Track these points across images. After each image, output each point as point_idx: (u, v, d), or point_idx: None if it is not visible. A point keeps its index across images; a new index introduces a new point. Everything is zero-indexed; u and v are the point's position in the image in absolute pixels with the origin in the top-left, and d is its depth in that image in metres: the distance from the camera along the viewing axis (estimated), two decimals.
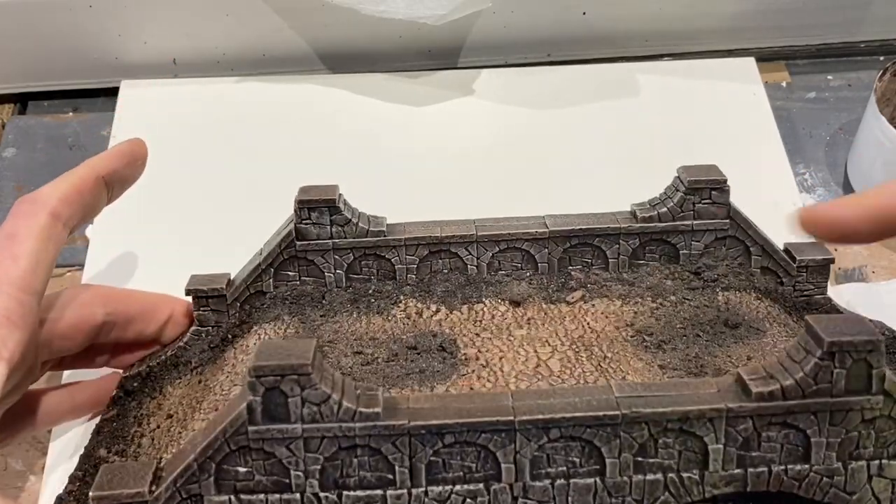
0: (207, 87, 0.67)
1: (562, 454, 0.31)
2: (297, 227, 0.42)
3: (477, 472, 0.31)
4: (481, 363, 0.38)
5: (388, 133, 0.64)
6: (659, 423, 0.31)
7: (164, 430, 0.39)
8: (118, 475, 0.31)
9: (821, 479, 0.32)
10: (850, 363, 0.30)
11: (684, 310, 0.42)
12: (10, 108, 0.68)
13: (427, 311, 0.42)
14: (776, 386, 0.31)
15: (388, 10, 0.60)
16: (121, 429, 0.40)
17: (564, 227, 0.43)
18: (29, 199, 0.38)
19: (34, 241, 0.37)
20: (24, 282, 0.36)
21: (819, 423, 0.31)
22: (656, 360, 0.38)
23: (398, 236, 0.43)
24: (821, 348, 0.30)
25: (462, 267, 0.44)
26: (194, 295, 0.42)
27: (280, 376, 0.30)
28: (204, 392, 0.39)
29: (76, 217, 0.39)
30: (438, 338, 0.40)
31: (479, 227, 0.43)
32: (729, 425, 0.31)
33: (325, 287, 0.43)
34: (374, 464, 0.31)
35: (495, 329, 0.40)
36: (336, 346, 0.40)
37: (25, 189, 0.62)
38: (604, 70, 0.68)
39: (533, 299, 0.42)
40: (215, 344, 0.42)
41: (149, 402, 0.41)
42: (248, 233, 0.46)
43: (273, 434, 0.30)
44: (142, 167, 0.44)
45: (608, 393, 0.31)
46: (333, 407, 0.30)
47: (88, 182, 0.40)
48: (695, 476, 0.31)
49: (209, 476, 0.31)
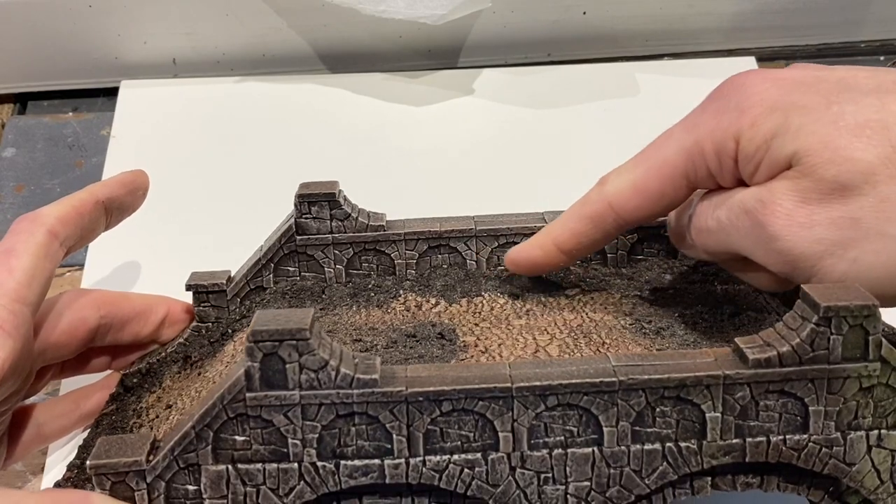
0: (207, 87, 0.67)
1: (559, 423, 0.31)
2: (297, 222, 0.42)
3: (475, 441, 0.31)
4: (480, 349, 0.38)
5: (388, 133, 0.64)
6: (656, 390, 0.31)
7: (162, 419, 0.39)
8: (116, 445, 0.31)
9: (820, 449, 0.31)
10: (846, 329, 0.30)
11: (683, 299, 0.42)
12: (10, 108, 0.68)
13: (426, 304, 0.42)
14: (773, 353, 0.30)
15: (388, 10, 0.60)
16: (120, 421, 0.40)
17: None
18: (28, 217, 0.39)
19: (30, 256, 0.37)
20: (17, 293, 0.36)
21: (817, 390, 0.31)
22: (654, 345, 0.38)
23: (398, 231, 0.43)
24: (816, 314, 0.30)
25: (461, 262, 0.44)
26: (195, 290, 0.42)
27: (278, 341, 0.29)
28: (203, 382, 0.39)
29: (73, 238, 0.40)
30: (437, 327, 0.40)
31: (479, 222, 0.44)
32: (726, 393, 0.31)
33: (325, 282, 0.43)
34: (372, 432, 0.31)
35: (494, 319, 0.40)
36: (335, 335, 0.40)
37: (25, 189, 0.62)
38: (604, 70, 0.68)
39: (532, 292, 0.42)
40: (215, 339, 0.42)
41: (148, 396, 0.41)
42: (248, 232, 0.46)
43: (271, 401, 0.30)
44: (142, 198, 0.44)
45: (605, 362, 0.31)
46: (331, 373, 0.30)
47: (88, 205, 0.40)
48: (693, 446, 0.31)
49: (206, 444, 0.31)
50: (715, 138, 0.34)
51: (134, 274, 0.54)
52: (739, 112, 0.34)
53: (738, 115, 0.34)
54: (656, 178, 0.36)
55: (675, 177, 0.36)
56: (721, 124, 0.34)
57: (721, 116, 0.35)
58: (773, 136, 0.33)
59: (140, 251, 0.56)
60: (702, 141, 0.35)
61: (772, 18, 0.69)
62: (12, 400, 0.38)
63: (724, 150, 0.34)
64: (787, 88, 0.34)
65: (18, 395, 0.39)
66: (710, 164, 0.35)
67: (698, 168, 0.35)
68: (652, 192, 0.37)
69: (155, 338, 0.44)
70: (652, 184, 0.37)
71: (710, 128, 0.35)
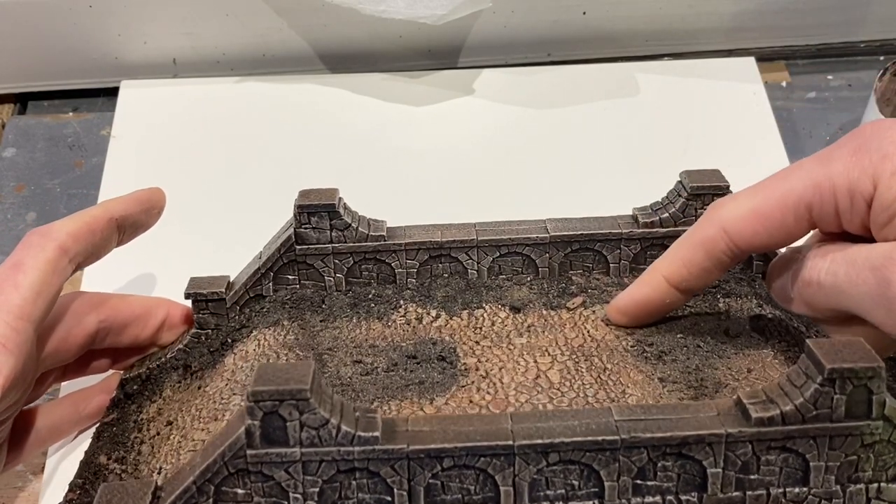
0: (207, 87, 0.67)
1: (560, 477, 0.31)
2: (296, 232, 0.42)
3: (476, 494, 0.31)
4: (481, 374, 0.38)
5: (388, 133, 0.64)
6: (658, 447, 0.31)
7: (163, 437, 0.39)
8: (118, 495, 0.31)
9: (819, 501, 0.32)
10: (850, 389, 0.30)
11: (685, 317, 0.41)
12: (10, 108, 0.68)
13: (427, 316, 0.42)
14: (776, 411, 0.31)
15: (388, 10, 0.60)
16: (121, 434, 0.40)
17: (566, 231, 0.43)
18: (40, 231, 0.39)
19: (38, 271, 0.37)
20: (22, 310, 0.36)
21: (818, 447, 0.31)
22: (656, 371, 0.38)
23: (398, 241, 0.42)
24: (821, 374, 0.30)
25: (462, 271, 0.43)
26: (194, 298, 0.42)
27: (278, 401, 0.30)
28: (203, 399, 0.39)
29: (84, 254, 0.40)
30: (438, 346, 0.40)
31: (480, 232, 0.43)
32: (728, 450, 0.31)
33: (325, 291, 0.43)
34: (373, 486, 0.31)
35: (495, 337, 0.40)
36: (335, 354, 0.40)
37: (25, 189, 0.62)
38: (604, 70, 0.68)
39: (533, 305, 0.42)
40: (215, 348, 0.42)
41: (149, 405, 0.41)
42: (248, 233, 0.46)
43: (271, 458, 0.30)
44: (157, 216, 0.44)
45: (607, 416, 0.31)
46: (332, 431, 0.30)
47: (101, 222, 0.40)
48: (693, 499, 0.31)
49: (208, 498, 0.31)
50: (851, 177, 0.33)
51: (133, 274, 0.54)
52: (882, 156, 0.33)
53: (881, 158, 0.33)
54: (778, 205, 0.35)
55: (798, 208, 0.34)
56: (861, 163, 0.33)
57: (861, 156, 0.33)
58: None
59: (140, 251, 0.55)
60: (835, 176, 0.33)
61: (772, 18, 0.69)
62: (13, 409, 0.38)
63: (859, 191, 0.33)
64: None
65: (19, 405, 0.39)
66: (840, 203, 0.34)
67: (825, 203, 0.34)
68: (772, 219, 0.35)
69: (154, 341, 0.44)
70: (773, 211, 0.35)
71: (848, 165, 0.33)
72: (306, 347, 0.40)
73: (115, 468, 0.38)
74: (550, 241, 0.43)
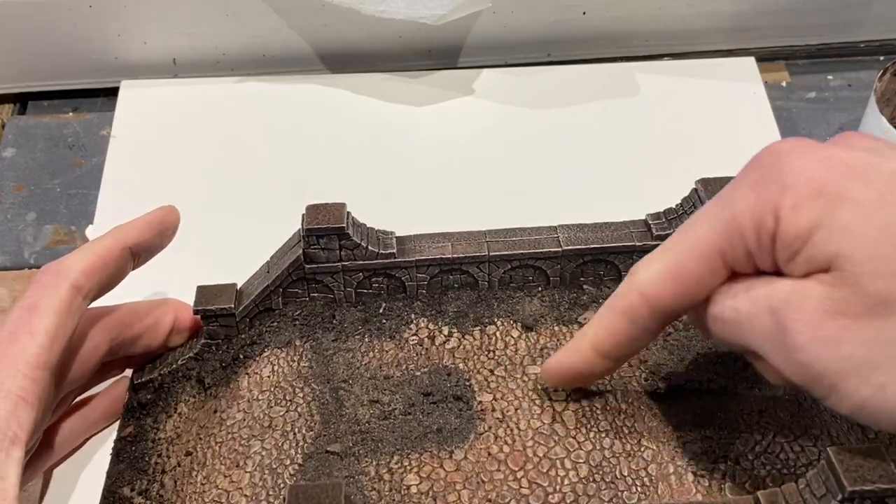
0: (207, 87, 0.67)
1: None
2: (305, 252, 0.41)
3: None
4: (497, 416, 0.38)
5: (388, 133, 0.64)
6: None
7: (185, 471, 0.39)
8: None
9: None
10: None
11: (697, 338, 0.41)
12: (10, 108, 0.68)
13: (440, 335, 0.42)
14: None
15: (388, 10, 0.60)
16: (140, 457, 0.40)
17: (579, 245, 0.43)
18: (52, 269, 0.38)
19: (53, 315, 0.37)
20: (38, 359, 0.36)
21: None
22: (670, 417, 0.38)
23: (408, 258, 0.42)
24: (842, 493, 0.30)
25: (473, 283, 0.43)
26: (202, 314, 0.42)
27: None
28: (222, 431, 0.39)
29: (98, 288, 0.39)
30: (453, 377, 0.40)
31: (491, 246, 0.43)
32: None
33: (336, 304, 0.43)
34: None
35: (509, 364, 0.40)
36: (352, 389, 0.40)
37: (25, 189, 0.62)
38: (604, 70, 0.68)
39: (545, 320, 0.42)
40: (227, 363, 0.42)
41: (165, 419, 0.41)
42: (251, 234, 0.46)
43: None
44: (171, 236, 0.43)
45: None
46: None
47: (114, 253, 0.40)
48: None
49: None
50: (755, 213, 0.31)
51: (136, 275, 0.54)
52: (781, 187, 0.31)
53: (780, 190, 0.31)
54: (690, 259, 0.33)
55: (710, 256, 0.32)
56: (762, 197, 0.31)
57: (760, 189, 0.31)
58: (816, 227, 0.30)
59: None
60: (739, 215, 0.32)
61: (772, 19, 0.69)
62: (31, 443, 0.38)
63: (764, 227, 0.31)
64: (836, 172, 0.30)
65: (38, 439, 0.39)
66: (749, 242, 0.32)
67: (735, 246, 0.32)
68: (688, 276, 0.33)
69: (165, 346, 0.44)
70: (686, 267, 0.33)
71: (750, 202, 0.31)
72: (322, 379, 0.40)
73: (139, 502, 0.38)
74: (563, 254, 0.43)
